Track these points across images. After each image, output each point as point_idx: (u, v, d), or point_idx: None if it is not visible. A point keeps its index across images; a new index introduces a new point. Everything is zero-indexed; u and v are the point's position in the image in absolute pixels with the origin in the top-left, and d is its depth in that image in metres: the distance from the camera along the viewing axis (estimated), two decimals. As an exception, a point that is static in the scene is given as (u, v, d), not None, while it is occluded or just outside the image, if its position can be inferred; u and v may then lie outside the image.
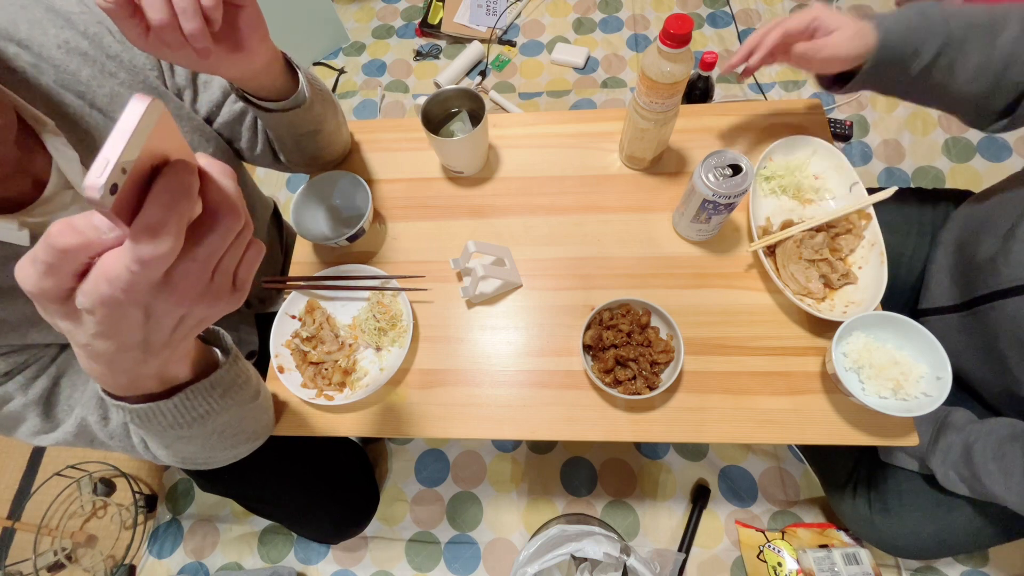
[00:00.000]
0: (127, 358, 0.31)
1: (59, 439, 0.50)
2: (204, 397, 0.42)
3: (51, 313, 0.27)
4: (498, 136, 0.79)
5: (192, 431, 0.44)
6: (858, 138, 1.38)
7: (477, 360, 0.66)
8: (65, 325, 0.27)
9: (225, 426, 0.48)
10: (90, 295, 0.25)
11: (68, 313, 0.26)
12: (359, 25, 1.80)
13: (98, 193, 0.20)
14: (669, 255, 0.69)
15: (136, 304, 0.26)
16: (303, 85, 0.58)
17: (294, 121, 0.61)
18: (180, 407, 0.40)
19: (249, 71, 0.50)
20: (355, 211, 0.75)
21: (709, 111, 0.78)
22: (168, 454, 0.51)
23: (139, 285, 0.25)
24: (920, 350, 0.56)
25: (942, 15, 0.56)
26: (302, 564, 1.10)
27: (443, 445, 1.16)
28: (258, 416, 0.56)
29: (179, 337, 0.31)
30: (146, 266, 0.24)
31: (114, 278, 0.24)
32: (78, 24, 0.51)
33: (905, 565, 0.97)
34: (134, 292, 0.25)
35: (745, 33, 1.57)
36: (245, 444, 0.56)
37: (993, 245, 0.63)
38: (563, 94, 1.55)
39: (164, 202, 0.23)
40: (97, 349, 0.29)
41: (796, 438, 0.59)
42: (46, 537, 1.14)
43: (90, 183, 0.20)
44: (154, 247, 0.23)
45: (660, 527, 1.05)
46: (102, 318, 0.26)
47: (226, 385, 0.44)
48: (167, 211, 0.23)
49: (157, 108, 0.22)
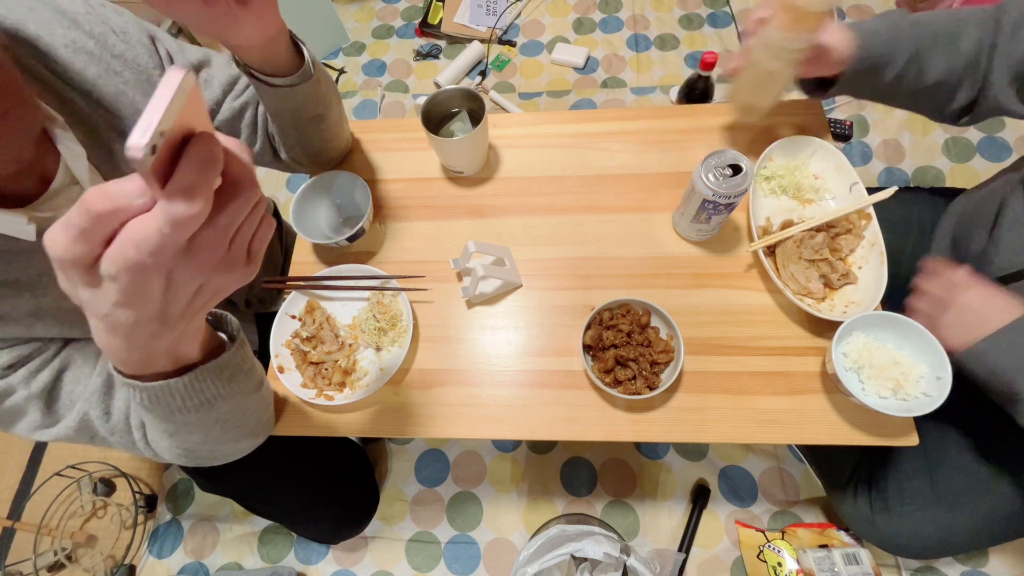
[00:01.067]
0: (145, 330, 0.31)
1: (59, 434, 0.50)
2: (212, 380, 0.43)
3: (75, 282, 0.27)
4: (498, 136, 0.79)
5: (198, 416, 0.45)
6: (858, 138, 1.38)
7: (477, 360, 0.66)
8: (86, 295, 0.28)
9: (229, 415, 0.49)
10: (117, 260, 0.26)
11: (92, 281, 0.27)
12: (359, 25, 1.80)
13: (140, 152, 0.22)
14: (669, 255, 0.69)
15: (160, 270, 0.27)
16: (308, 61, 0.58)
17: (300, 101, 0.61)
18: (190, 388, 0.41)
19: (256, 39, 0.50)
20: (355, 211, 0.75)
21: (709, 111, 0.78)
22: (170, 445, 0.51)
23: (166, 249, 0.26)
24: (920, 350, 0.56)
25: (910, 24, 0.60)
26: (302, 564, 1.10)
27: (443, 445, 1.16)
28: (260, 410, 0.56)
29: (195, 309, 0.32)
30: (178, 227, 0.25)
31: (142, 240, 0.25)
32: (84, 24, 0.52)
33: (905, 565, 0.97)
34: (161, 256, 0.26)
35: (745, 33, 1.57)
36: (246, 439, 0.56)
37: (983, 236, 0.64)
38: (563, 94, 1.55)
39: (197, 166, 0.25)
40: (117, 319, 0.29)
41: (796, 438, 0.59)
42: (46, 537, 1.14)
43: (133, 143, 0.22)
44: (188, 207, 0.25)
45: (660, 527, 1.04)
46: (125, 285, 0.27)
47: (233, 369, 0.45)
48: (200, 174, 0.25)
49: (190, 80, 0.24)
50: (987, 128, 1.34)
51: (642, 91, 1.52)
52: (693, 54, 1.56)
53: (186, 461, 0.55)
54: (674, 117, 0.78)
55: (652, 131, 0.77)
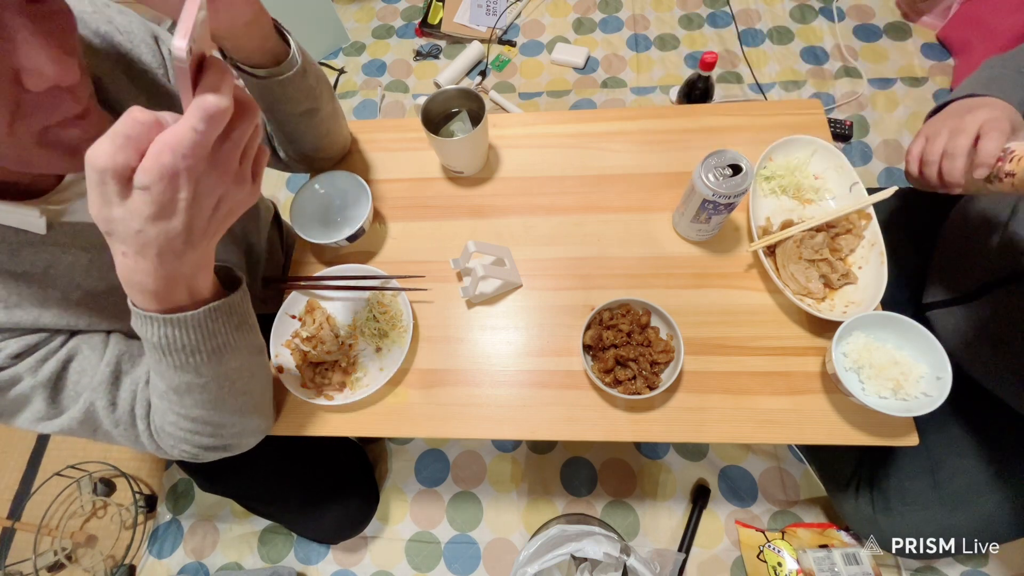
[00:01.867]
0: (172, 247, 0.35)
1: (63, 425, 0.50)
2: (224, 321, 0.45)
3: (111, 198, 0.31)
4: (498, 136, 0.79)
5: (210, 368, 0.46)
6: (858, 138, 1.38)
7: (477, 360, 0.66)
8: (120, 211, 0.32)
9: (237, 373, 0.50)
10: (151, 169, 0.30)
11: (127, 194, 0.31)
12: (359, 25, 1.80)
13: (184, 52, 0.27)
14: (669, 255, 0.69)
15: (190, 176, 0.31)
16: (294, 50, 0.57)
17: (288, 93, 0.60)
18: (204, 325, 0.43)
19: (237, 19, 0.48)
20: (355, 211, 0.75)
21: (709, 111, 0.78)
22: (177, 420, 0.50)
23: (198, 151, 0.30)
24: (920, 350, 0.56)
25: (1015, 67, 0.58)
26: (302, 564, 1.10)
27: (443, 445, 1.16)
28: (264, 379, 0.56)
29: (216, 224, 0.36)
30: (211, 121, 0.30)
31: (177, 143, 0.29)
32: (90, 24, 0.52)
33: (905, 565, 0.97)
34: (192, 159, 0.30)
35: (745, 33, 1.57)
36: (251, 414, 0.55)
37: (997, 232, 0.63)
38: (563, 94, 1.55)
39: (219, 70, 0.30)
40: (148, 236, 0.33)
41: (796, 438, 0.59)
42: (46, 537, 1.14)
43: (177, 43, 0.27)
44: (218, 100, 0.29)
45: (660, 527, 1.04)
46: (159, 193, 0.31)
47: (241, 316, 0.47)
48: (223, 76, 0.30)
49: (204, 4, 0.28)
50: (987, 128, 1.34)
51: (642, 91, 1.52)
52: (693, 54, 1.56)
53: (189, 448, 0.54)
54: (674, 117, 0.78)
55: (652, 131, 0.77)
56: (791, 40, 1.55)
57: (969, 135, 0.51)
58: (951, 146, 0.52)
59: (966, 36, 1.39)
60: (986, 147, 0.50)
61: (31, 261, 0.46)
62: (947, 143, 0.53)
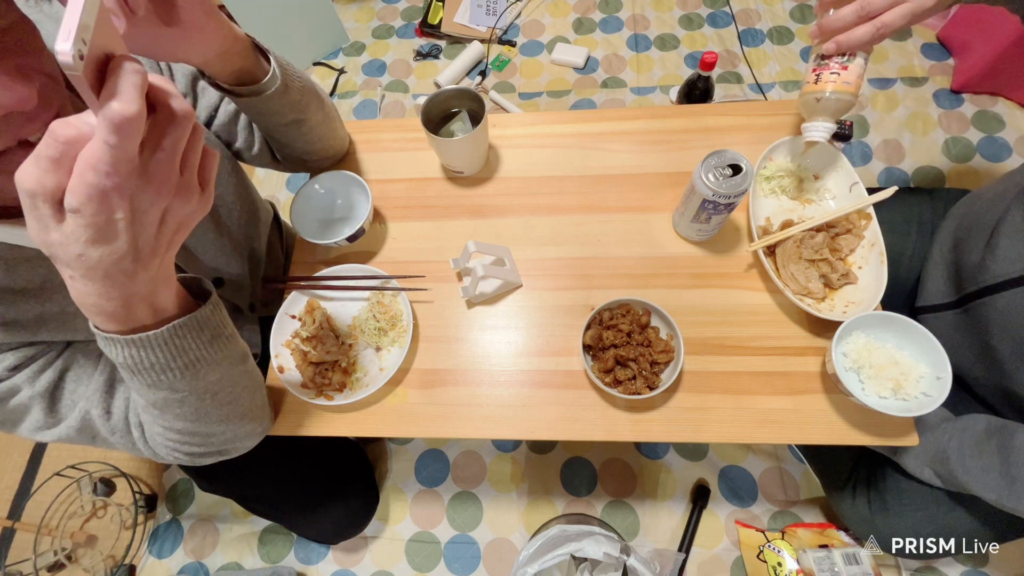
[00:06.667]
0: (119, 268, 0.32)
1: (62, 434, 0.50)
2: (194, 337, 0.43)
3: (46, 221, 0.29)
4: (498, 136, 0.79)
5: (185, 383, 0.44)
6: (858, 138, 1.38)
7: (477, 360, 0.66)
8: (57, 235, 0.29)
9: (219, 386, 0.48)
10: (77, 189, 0.27)
11: (61, 217, 0.29)
12: (359, 25, 1.80)
13: (68, 56, 0.23)
14: (669, 255, 0.69)
15: (120, 194, 0.29)
16: (274, 68, 0.57)
17: (272, 107, 0.60)
18: (171, 343, 0.41)
19: (208, 51, 0.48)
20: (355, 211, 0.75)
21: (709, 111, 0.78)
22: (164, 431, 0.50)
23: (119, 165, 0.27)
24: (920, 350, 0.56)
25: None
26: (302, 564, 1.10)
27: (443, 445, 1.16)
28: (251, 387, 0.55)
29: (164, 242, 0.34)
30: (120, 131, 0.26)
31: (95, 160, 0.27)
32: None
33: (905, 565, 0.97)
34: (116, 176, 0.27)
35: (745, 33, 1.57)
36: (240, 421, 0.54)
37: (982, 242, 0.64)
38: (563, 94, 1.55)
39: (120, 72, 0.26)
40: (90, 259, 0.30)
41: (796, 438, 0.59)
42: (46, 537, 1.14)
43: (59, 48, 0.23)
44: (120, 106, 0.26)
45: (660, 527, 1.05)
46: (91, 215, 0.28)
47: (213, 330, 0.45)
48: (126, 77, 0.26)
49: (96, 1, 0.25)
50: (987, 128, 1.34)
51: (642, 91, 1.52)
52: (693, 54, 1.56)
53: (183, 456, 0.54)
54: (674, 117, 0.78)
55: (652, 131, 0.77)
56: (791, 40, 1.55)
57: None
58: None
59: (966, 36, 1.39)
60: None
61: (27, 277, 0.46)
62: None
